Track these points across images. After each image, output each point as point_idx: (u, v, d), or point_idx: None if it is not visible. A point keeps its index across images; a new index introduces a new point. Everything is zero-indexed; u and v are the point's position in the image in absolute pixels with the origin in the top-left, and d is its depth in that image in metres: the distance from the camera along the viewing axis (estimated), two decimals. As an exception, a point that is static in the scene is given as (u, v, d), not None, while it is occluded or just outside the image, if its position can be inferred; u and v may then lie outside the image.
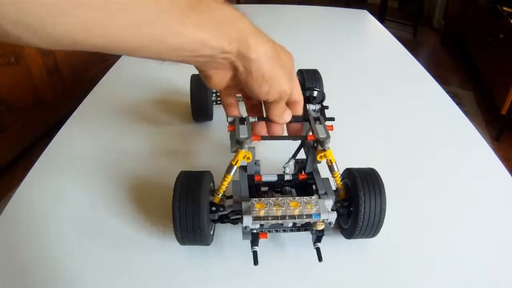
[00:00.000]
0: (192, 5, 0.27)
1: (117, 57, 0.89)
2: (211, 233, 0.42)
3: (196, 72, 0.34)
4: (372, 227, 0.40)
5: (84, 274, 0.41)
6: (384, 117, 0.70)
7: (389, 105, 0.74)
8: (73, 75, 1.76)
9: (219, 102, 0.64)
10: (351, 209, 0.41)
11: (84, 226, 0.46)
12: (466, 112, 0.70)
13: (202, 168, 0.43)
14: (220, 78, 0.34)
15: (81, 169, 0.55)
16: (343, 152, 0.45)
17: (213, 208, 0.40)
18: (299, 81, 0.38)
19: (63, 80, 1.71)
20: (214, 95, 0.63)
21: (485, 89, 2.12)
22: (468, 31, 2.50)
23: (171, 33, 0.27)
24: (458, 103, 0.73)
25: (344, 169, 0.43)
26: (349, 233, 0.42)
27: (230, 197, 0.42)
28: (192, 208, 0.37)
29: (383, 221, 0.40)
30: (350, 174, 0.42)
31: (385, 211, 0.39)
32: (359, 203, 0.39)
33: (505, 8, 1.93)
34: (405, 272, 0.42)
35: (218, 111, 0.65)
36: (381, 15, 3.00)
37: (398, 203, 0.45)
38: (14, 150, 1.52)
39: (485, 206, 0.51)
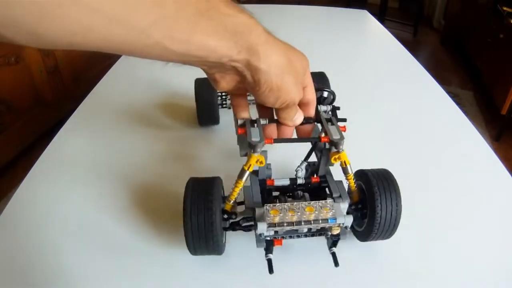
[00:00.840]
0: (202, 12, 0.26)
1: (118, 56, 0.89)
2: (224, 241, 0.40)
3: (201, 75, 0.34)
4: (388, 229, 0.39)
5: (85, 274, 0.41)
6: (384, 117, 0.70)
7: (389, 105, 0.74)
8: (73, 75, 1.75)
9: (224, 106, 0.63)
10: (365, 211, 0.40)
11: (84, 226, 0.46)
12: (466, 112, 0.70)
13: (210, 173, 0.41)
14: (227, 82, 0.33)
15: (81, 169, 0.55)
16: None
17: (225, 216, 0.39)
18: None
19: (63, 80, 1.71)
20: (219, 98, 0.62)
21: (485, 89, 2.12)
22: (468, 31, 2.49)
23: (176, 40, 0.26)
24: (458, 103, 0.73)
25: (356, 170, 0.42)
26: (365, 236, 0.41)
27: (240, 203, 0.41)
28: (204, 218, 0.36)
29: (399, 222, 0.39)
30: (364, 176, 0.41)
31: (401, 212, 0.39)
32: (375, 205, 0.38)
33: (505, 8, 1.93)
34: (407, 272, 0.42)
35: (224, 115, 0.64)
36: (381, 15, 3.00)
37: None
38: (14, 150, 1.52)
39: (485, 206, 0.51)
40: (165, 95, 0.73)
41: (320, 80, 0.60)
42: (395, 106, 0.73)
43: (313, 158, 0.45)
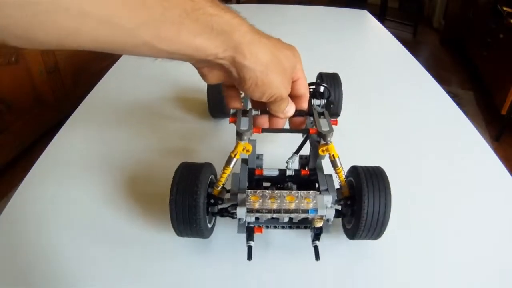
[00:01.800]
0: (188, 12, 0.27)
1: (119, 56, 0.89)
2: (210, 226, 0.41)
3: None
4: (376, 228, 0.39)
5: (85, 274, 0.41)
6: (384, 117, 0.70)
7: (389, 105, 0.74)
8: (73, 75, 1.75)
9: None
10: (355, 207, 0.40)
11: (84, 225, 0.46)
12: (466, 112, 0.70)
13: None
14: (214, 76, 0.34)
15: (81, 169, 0.55)
16: (340, 152, 0.45)
17: (212, 201, 0.40)
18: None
19: (63, 80, 1.71)
20: None
21: (485, 89, 2.12)
22: (468, 31, 2.50)
23: (164, 40, 0.27)
24: (458, 103, 0.73)
25: (349, 166, 0.42)
26: (352, 233, 0.41)
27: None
28: (188, 201, 0.37)
29: (387, 222, 0.38)
30: (354, 172, 0.40)
31: (389, 211, 0.38)
32: (362, 201, 0.38)
33: (505, 8, 1.93)
34: (405, 274, 0.42)
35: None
36: (381, 15, 3.00)
37: (398, 203, 0.45)
38: (14, 150, 1.52)
39: (485, 206, 0.51)
40: (168, 91, 0.73)
41: (332, 81, 0.60)
42: (394, 106, 0.73)
43: (306, 151, 0.45)
